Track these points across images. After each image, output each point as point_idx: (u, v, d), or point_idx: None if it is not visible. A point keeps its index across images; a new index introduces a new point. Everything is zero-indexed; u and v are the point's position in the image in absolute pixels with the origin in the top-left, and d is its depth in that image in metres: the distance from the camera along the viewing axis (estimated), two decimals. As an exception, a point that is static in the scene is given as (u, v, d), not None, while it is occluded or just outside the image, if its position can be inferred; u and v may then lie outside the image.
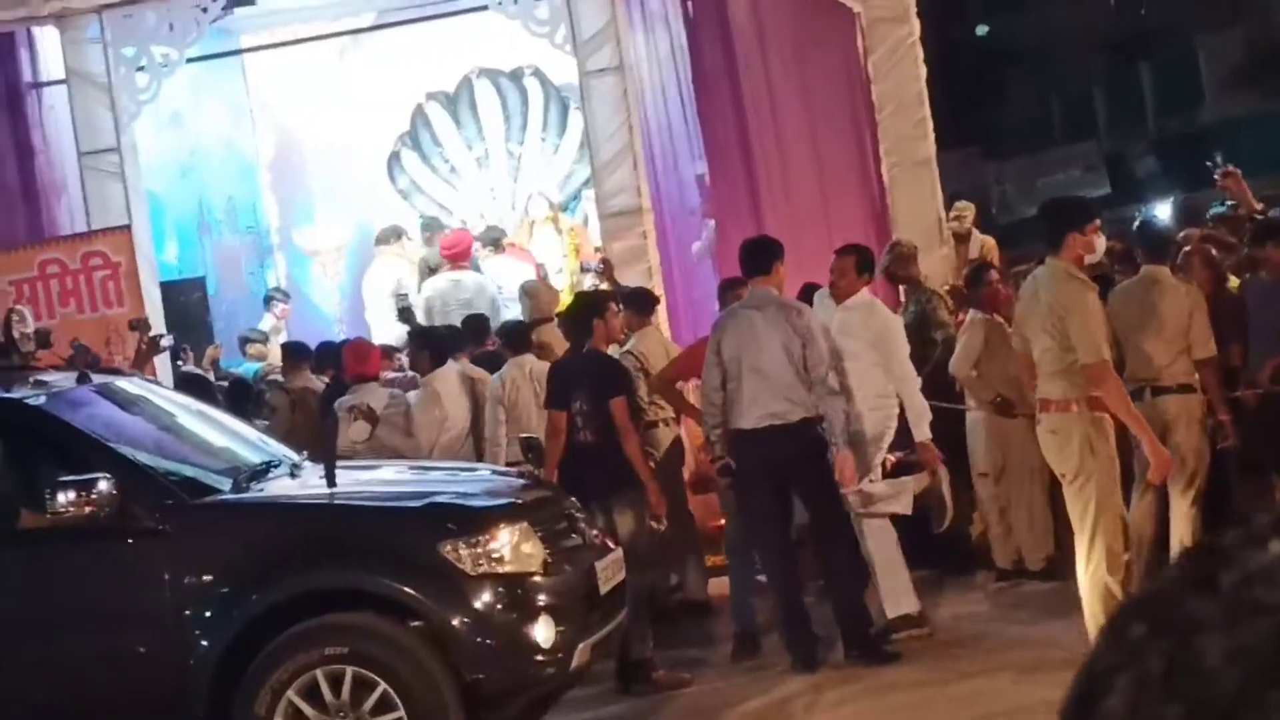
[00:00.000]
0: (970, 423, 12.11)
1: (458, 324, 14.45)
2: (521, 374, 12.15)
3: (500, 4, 15.25)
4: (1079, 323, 8.88)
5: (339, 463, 8.98)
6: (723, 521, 11.81)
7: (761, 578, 10.94)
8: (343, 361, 12.95)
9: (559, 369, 11.20)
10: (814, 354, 10.12)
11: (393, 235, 17.19)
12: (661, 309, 14.49)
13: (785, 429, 10.09)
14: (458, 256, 16.59)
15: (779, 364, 10.12)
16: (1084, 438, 8.90)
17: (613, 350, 11.58)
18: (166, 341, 14.15)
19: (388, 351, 14.32)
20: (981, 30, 37.93)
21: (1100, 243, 9.77)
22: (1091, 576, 8.87)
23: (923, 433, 10.76)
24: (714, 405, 10.25)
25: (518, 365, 12.24)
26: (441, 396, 12.32)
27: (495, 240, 17.03)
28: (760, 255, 10.56)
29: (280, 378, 14.48)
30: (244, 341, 16.53)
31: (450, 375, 12.51)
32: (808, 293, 11.19)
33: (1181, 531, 10.55)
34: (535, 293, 13.70)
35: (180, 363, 15.05)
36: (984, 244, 15.24)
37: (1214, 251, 11.68)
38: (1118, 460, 9.06)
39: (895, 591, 10.65)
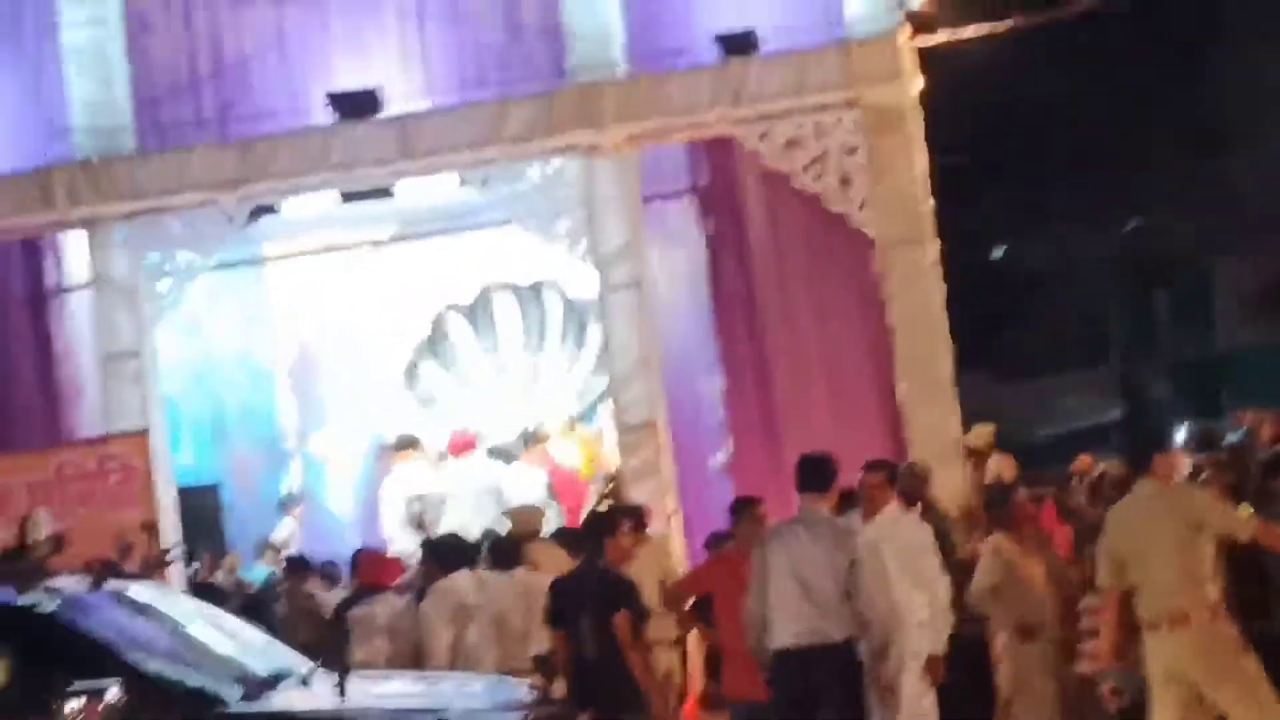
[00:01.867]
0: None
1: (468, 515, 14.51)
2: (511, 588, 12.03)
3: (522, 218, 15.41)
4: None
5: (352, 673, 8.92)
6: None
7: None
8: (356, 569, 12.90)
9: (560, 585, 11.16)
10: (857, 577, 10.00)
11: (408, 444, 17.20)
12: (676, 523, 14.49)
13: (825, 648, 9.90)
14: (464, 448, 16.73)
15: (825, 582, 9.97)
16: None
17: None
18: (174, 555, 14.17)
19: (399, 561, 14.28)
20: (998, 253, 38.24)
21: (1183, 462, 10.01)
22: None
23: (939, 645, 10.66)
24: (758, 618, 10.09)
25: (508, 579, 12.13)
26: (447, 606, 12.21)
27: (512, 449, 17.10)
28: (818, 473, 10.43)
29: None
30: (260, 550, 16.51)
31: (459, 584, 12.43)
32: (846, 500, 11.11)
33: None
34: (515, 514, 13.69)
35: (195, 570, 15.02)
36: (1000, 464, 15.21)
37: (1230, 481, 11.64)
38: None
39: None
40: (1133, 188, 36.44)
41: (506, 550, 12.56)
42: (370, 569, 12.70)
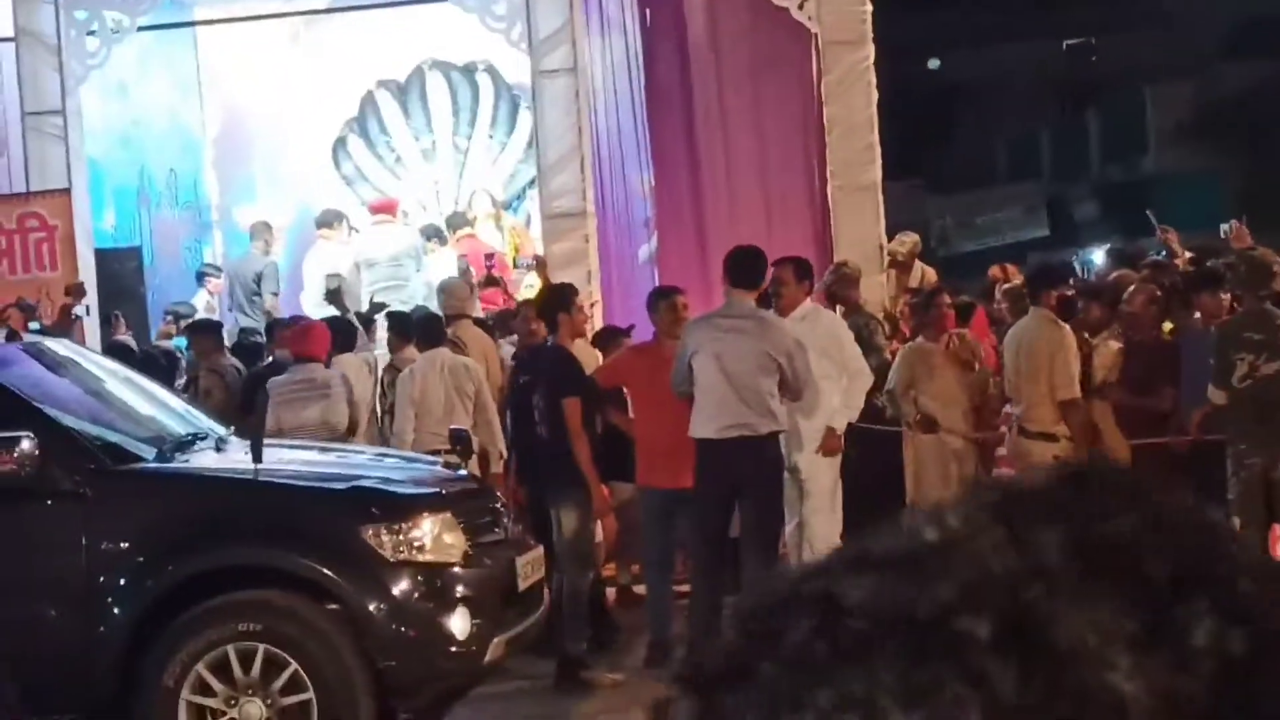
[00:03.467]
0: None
1: (385, 278, 15.06)
2: (433, 368, 11.98)
3: (460, -3, 15.21)
4: None
5: (268, 440, 8.92)
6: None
7: (679, 587, 10.92)
8: (274, 339, 12.84)
9: (519, 360, 11.30)
10: (794, 371, 10.03)
11: (334, 219, 17.07)
12: (598, 313, 14.50)
13: (752, 441, 9.98)
14: (385, 209, 16.74)
15: (754, 376, 9.99)
16: None
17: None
18: (79, 310, 14.06)
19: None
20: (934, 64, 38.10)
21: None
22: None
23: (840, 423, 10.72)
24: (686, 397, 10.09)
25: (429, 360, 12.04)
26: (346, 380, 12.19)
27: (440, 232, 17.05)
28: (748, 267, 10.41)
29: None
30: (177, 316, 16.34)
31: (351, 362, 12.48)
32: (767, 299, 11.07)
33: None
34: (450, 289, 13.62)
35: (112, 330, 14.93)
36: (924, 274, 15.25)
37: (1158, 292, 11.73)
38: None
39: None
40: (1072, 8, 36.32)
41: (431, 328, 12.54)
42: (305, 339, 12.59)
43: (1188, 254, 13.73)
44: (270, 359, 13.37)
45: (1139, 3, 36.09)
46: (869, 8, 14.92)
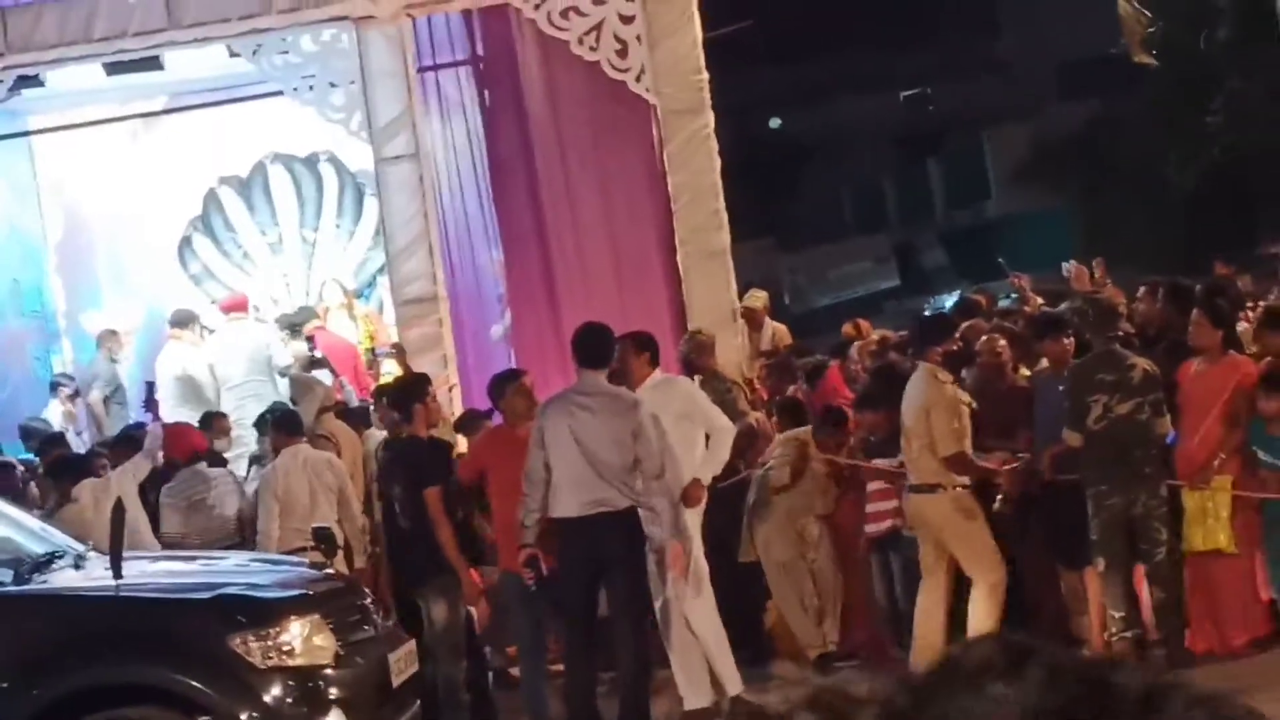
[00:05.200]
0: None
1: (241, 375, 15.05)
2: (295, 463, 11.87)
3: (295, 90, 15.16)
4: None
5: (129, 553, 8.80)
6: None
7: (553, 667, 10.88)
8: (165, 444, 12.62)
9: (383, 453, 11.32)
10: (645, 447, 10.01)
11: (188, 319, 16.90)
12: (456, 396, 14.46)
13: (611, 516, 9.95)
14: (235, 307, 16.61)
15: (611, 452, 9.97)
16: None
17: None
18: None
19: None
20: (775, 123, 38.46)
21: None
22: None
23: (705, 474, 10.69)
24: (537, 490, 10.02)
25: (291, 454, 11.91)
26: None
27: (294, 324, 16.94)
28: (595, 345, 10.40)
29: None
30: (29, 433, 16.03)
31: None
32: (616, 375, 11.03)
33: (978, 621, 10.60)
34: (307, 383, 13.53)
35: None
36: (775, 331, 15.35)
37: (1004, 341, 11.87)
38: None
39: (729, 673, 10.57)
40: (907, 59, 36.84)
41: (288, 423, 12.42)
42: (176, 443, 12.42)
43: (1038, 299, 13.96)
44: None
45: (972, 50, 36.67)
46: (705, 76, 15.03)
